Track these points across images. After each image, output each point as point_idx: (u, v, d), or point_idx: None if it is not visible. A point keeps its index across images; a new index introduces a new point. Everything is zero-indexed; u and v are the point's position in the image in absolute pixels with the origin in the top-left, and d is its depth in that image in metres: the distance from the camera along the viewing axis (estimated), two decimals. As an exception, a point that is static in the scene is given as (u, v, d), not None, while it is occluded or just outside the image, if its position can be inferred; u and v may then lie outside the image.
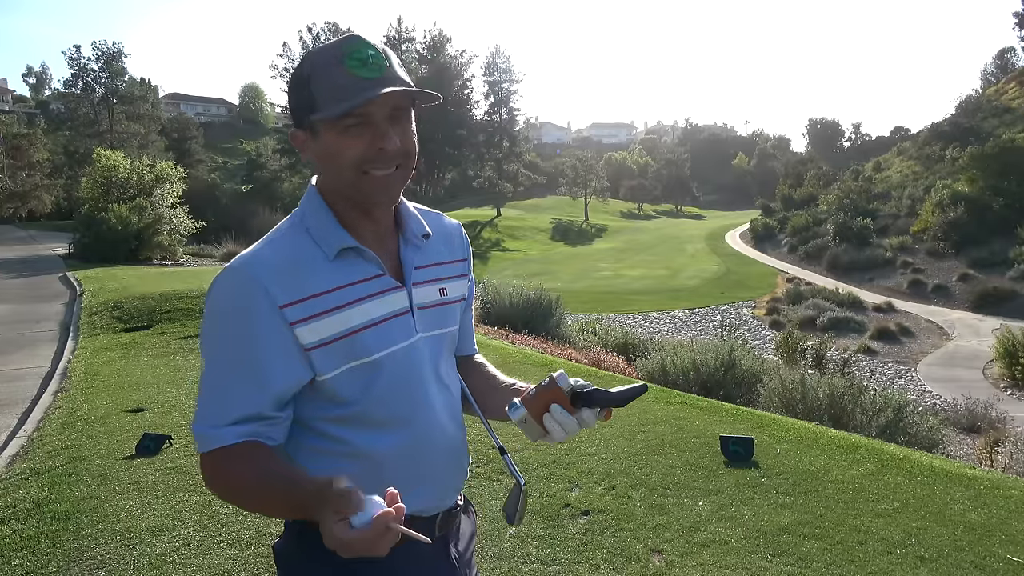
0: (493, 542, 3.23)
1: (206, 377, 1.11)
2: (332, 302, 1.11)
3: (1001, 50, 75.26)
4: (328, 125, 1.09)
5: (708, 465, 4.24)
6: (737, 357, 8.16)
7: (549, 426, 1.14)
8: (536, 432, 1.17)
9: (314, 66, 1.10)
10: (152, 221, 18.74)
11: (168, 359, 7.33)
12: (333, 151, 1.10)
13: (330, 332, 1.10)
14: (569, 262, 44.29)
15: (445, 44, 64.74)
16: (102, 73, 50.92)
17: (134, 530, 3.32)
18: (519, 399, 1.18)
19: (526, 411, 1.15)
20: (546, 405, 1.15)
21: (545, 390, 1.15)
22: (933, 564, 3.11)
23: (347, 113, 1.07)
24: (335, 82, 1.08)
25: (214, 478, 1.11)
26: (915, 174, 44.19)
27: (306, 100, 1.11)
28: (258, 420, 1.10)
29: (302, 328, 1.09)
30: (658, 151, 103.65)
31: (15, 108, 67.35)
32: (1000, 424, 10.97)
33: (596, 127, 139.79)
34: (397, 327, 1.17)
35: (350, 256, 1.14)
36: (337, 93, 1.07)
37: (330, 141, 1.10)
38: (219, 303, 1.11)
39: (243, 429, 1.09)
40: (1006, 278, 27.45)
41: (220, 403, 1.09)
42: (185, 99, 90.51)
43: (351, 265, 1.15)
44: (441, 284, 1.27)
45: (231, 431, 1.08)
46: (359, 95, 1.06)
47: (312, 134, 1.12)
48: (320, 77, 1.09)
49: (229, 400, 1.09)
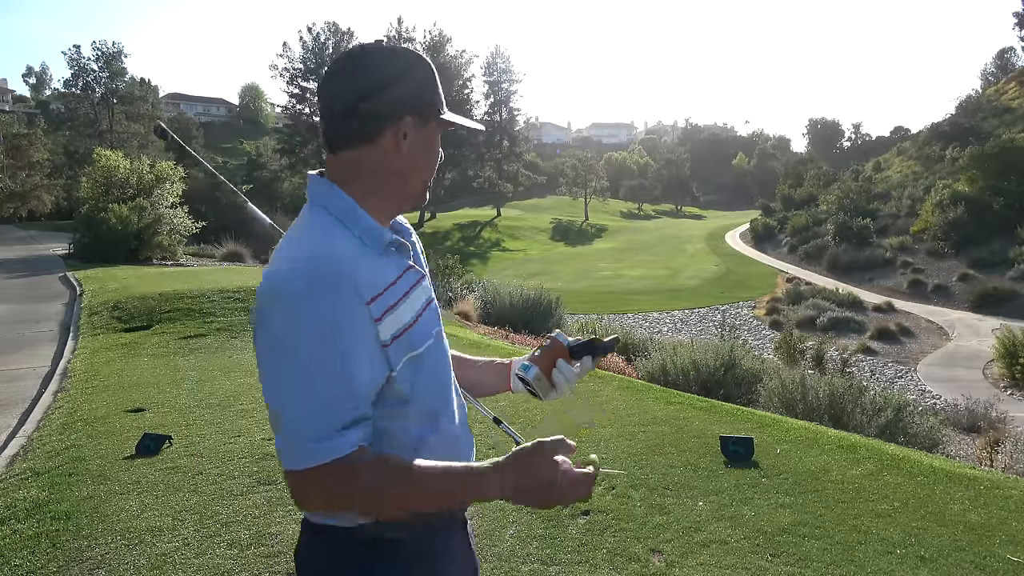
0: (493, 542, 3.23)
1: (299, 384, 1.01)
2: (394, 296, 1.11)
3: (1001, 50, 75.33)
4: (438, 126, 1.20)
5: (708, 465, 4.24)
6: (737, 357, 8.16)
7: (556, 379, 1.30)
8: (546, 387, 1.32)
9: (427, 69, 1.18)
10: (152, 221, 18.71)
11: (168, 359, 7.33)
12: (429, 146, 1.19)
13: (398, 326, 1.11)
14: (569, 262, 44.29)
15: (445, 44, 64.65)
16: (102, 73, 50.90)
17: (134, 530, 3.32)
18: (527, 360, 1.35)
19: (538, 369, 1.32)
20: (553, 361, 1.32)
21: (550, 349, 1.33)
22: (933, 564, 3.11)
23: (442, 112, 1.19)
24: (437, 87, 1.19)
25: (331, 493, 1.04)
26: (915, 174, 44.20)
27: (433, 92, 1.18)
28: (364, 421, 1.06)
29: (382, 324, 1.08)
30: (658, 151, 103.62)
31: (15, 108, 67.34)
32: (1000, 424, 10.96)
33: (596, 127, 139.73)
34: (431, 316, 1.21)
35: (391, 250, 1.16)
36: (439, 97, 1.19)
37: (431, 137, 1.19)
38: (305, 301, 1.01)
39: (357, 435, 1.04)
40: (1006, 278, 27.46)
41: (325, 410, 1.02)
42: (185, 99, 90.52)
43: (395, 258, 1.16)
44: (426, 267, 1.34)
45: (345, 439, 1.02)
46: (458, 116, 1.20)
47: (421, 125, 1.17)
48: (436, 82, 1.19)
49: (335, 405, 1.02)
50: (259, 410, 5.31)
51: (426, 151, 1.18)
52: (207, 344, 8.04)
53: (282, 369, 1.02)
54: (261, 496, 3.71)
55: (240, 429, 4.80)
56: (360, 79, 1.12)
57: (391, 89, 1.12)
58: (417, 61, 1.16)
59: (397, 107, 1.13)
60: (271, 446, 4.48)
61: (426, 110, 1.16)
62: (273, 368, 1.03)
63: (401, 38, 62.77)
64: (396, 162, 1.15)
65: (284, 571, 2.97)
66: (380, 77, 1.12)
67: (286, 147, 59.21)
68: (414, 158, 1.17)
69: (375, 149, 1.14)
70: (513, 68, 67.83)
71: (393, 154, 1.14)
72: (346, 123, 1.13)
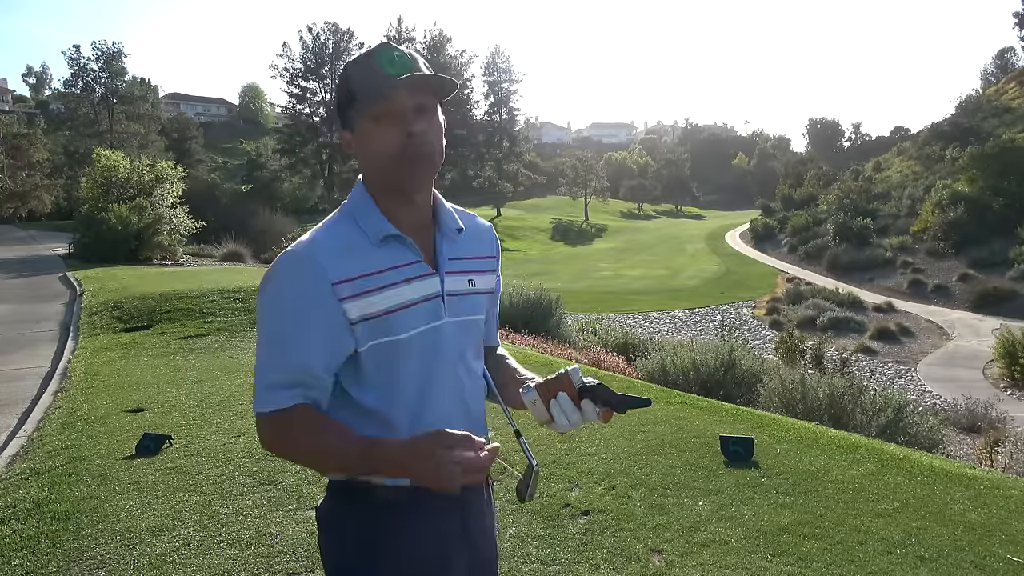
0: (493, 542, 3.22)
1: (263, 344, 1.23)
2: (376, 283, 1.23)
3: (1001, 50, 75.30)
4: (365, 119, 1.24)
5: (708, 465, 4.24)
6: (737, 357, 8.16)
7: (554, 411, 1.28)
8: (543, 415, 1.30)
9: (351, 69, 1.27)
10: (152, 221, 18.72)
11: (168, 359, 7.33)
12: (370, 140, 1.25)
13: (372, 310, 1.23)
14: (569, 262, 44.29)
15: (445, 44, 64.71)
16: (102, 73, 50.91)
17: (134, 530, 3.32)
18: (534, 383, 1.33)
19: (537, 395, 1.30)
20: (555, 393, 1.28)
21: (556, 380, 1.29)
22: (933, 564, 3.11)
23: (376, 102, 1.22)
24: (367, 79, 1.24)
25: (273, 439, 1.23)
26: (915, 174, 44.18)
27: (346, 98, 1.27)
28: (307, 385, 1.22)
29: (350, 304, 1.21)
30: (658, 151, 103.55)
31: (15, 108, 67.33)
32: (1000, 424, 10.96)
33: (596, 127, 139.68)
34: (426, 310, 1.28)
35: (393, 243, 1.27)
36: (369, 89, 1.23)
37: (367, 132, 1.25)
38: (279, 278, 1.22)
39: (295, 392, 1.21)
40: (1006, 278, 27.43)
41: (275, 368, 1.22)
42: (185, 99, 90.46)
43: (393, 251, 1.27)
44: (470, 276, 1.38)
45: (286, 394, 1.21)
46: (386, 84, 1.22)
47: (353, 131, 1.28)
48: (355, 77, 1.26)
49: (283, 364, 1.21)
50: (259, 410, 5.31)
51: (364, 150, 1.28)
52: (207, 344, 8.04)
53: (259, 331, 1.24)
54: (261, 496, 3.71)
55: (240, 429, 4.80)
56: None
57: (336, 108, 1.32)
58: (339, 83, 1.31)
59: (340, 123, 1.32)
60: (271, 446, 4.48)
61: (348, 118, 1.28)
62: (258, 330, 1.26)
63: (401, 38, 62.82)
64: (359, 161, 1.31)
65: (284, 571, 2.97)
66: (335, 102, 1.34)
67: (286, 147, 59.18)
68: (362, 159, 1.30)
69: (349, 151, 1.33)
70: (513, 68, 67.92)
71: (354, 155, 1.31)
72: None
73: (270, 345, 1.23)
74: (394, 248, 1.27)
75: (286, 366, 1.21)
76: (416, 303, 1.26)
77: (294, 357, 1.21)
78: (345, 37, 60.61)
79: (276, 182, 56.04)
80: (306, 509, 3.55)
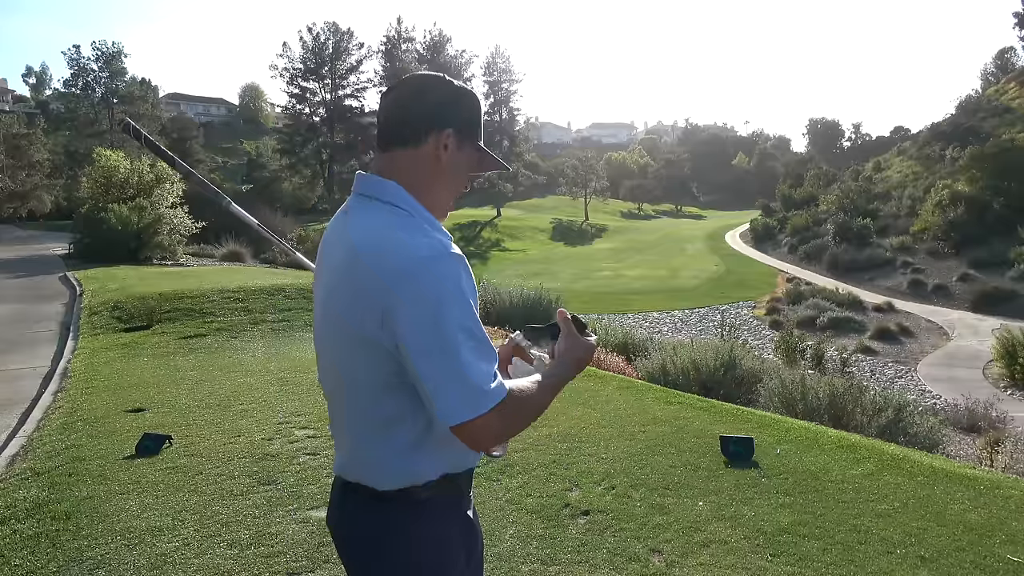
0: (493, 542, 3.23)
1: (474, 345, 1.21)
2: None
3: (1001, 50, 75.20)
4: (475, 152, 1.39)
5: (708, 465, 4.24)
6: (737, 357, 8.16)
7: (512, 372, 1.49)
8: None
9: (476, 102, 1.41)
10: (152, 221, 18.70)
11: (168, 359, 7.33)
12: (463, 173, 1.40)
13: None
14: (569, 262, 44.26)
15: (445, 44, 64.69)
16: (102, 73, 50.97)
17: (134, 530, 3.32)
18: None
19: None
20: (509, 359, 1.52)
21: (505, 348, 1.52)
22: (933, 564, 3.11)
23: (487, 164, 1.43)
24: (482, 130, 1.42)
25: (513, 420, 1.25)
26: (915, 174, 44.13)
27: (476, 119, 1.40)
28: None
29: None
30: (658, 151, 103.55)
31: (15, 108, 67.27)
32: (1000, 424, 10.95)
33: (596, 127, 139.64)
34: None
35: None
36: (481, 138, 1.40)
37: (469, 163, 1.40)
38: (455, 282, 1.21)
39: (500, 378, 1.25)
40: (1006, 278, 27.39)
41: (491, 363, 1.23)
42: (185, 99, 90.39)
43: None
44: None
45: (500, 383, 1.23)
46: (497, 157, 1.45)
47: (460, 144, 1.36)
48: (479, 114, 1.42)
49: (491, 354, 1.24)
50: (259, 410, 5.32)
51: (458, 169, 1.38)
52: (207, 344, 8.05)
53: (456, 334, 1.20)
54: (261, 496, 3.71)
55: (240, 429, 4.80)
56: (417, 94, 1.36)
57: (442, 105, 1.35)
58: (466, 92, 1.39)
59: (443, 119, 1.34)
60: (271, 446, 4.48)
61: (466, 130, 1.36)
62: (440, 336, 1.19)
63: (401, 38, 62.91)
64: (434, 168, 1.34)
65: (284, 571, 2.97)
66: (435, 95, 1.35)
67: (286, 147, 59.16)
68: (448, 170, 1.36)
69: (419, 153, 1.34)
70: (513, 68, 67.78)
71: (433, 161, 1.34)
72: (400, 127, 1.34)
73: (476, 340, 1.22)
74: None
75: (492, 355, 1.24)
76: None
77: (489, 347, 1.25)
78: (345, 37, 60.60)
79: (276, 182, 55.99)
80: (306, 509, 3.55)
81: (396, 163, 1.34)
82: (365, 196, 1.34)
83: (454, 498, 1.39)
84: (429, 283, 1.19)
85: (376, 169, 1.36)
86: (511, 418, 1.24)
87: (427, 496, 1.33)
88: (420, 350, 1.18)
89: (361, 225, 1.29)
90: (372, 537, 1.35)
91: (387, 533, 1.34)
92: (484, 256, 47.18)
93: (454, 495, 1.39)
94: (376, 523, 1.35)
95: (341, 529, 1.42)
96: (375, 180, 1.34)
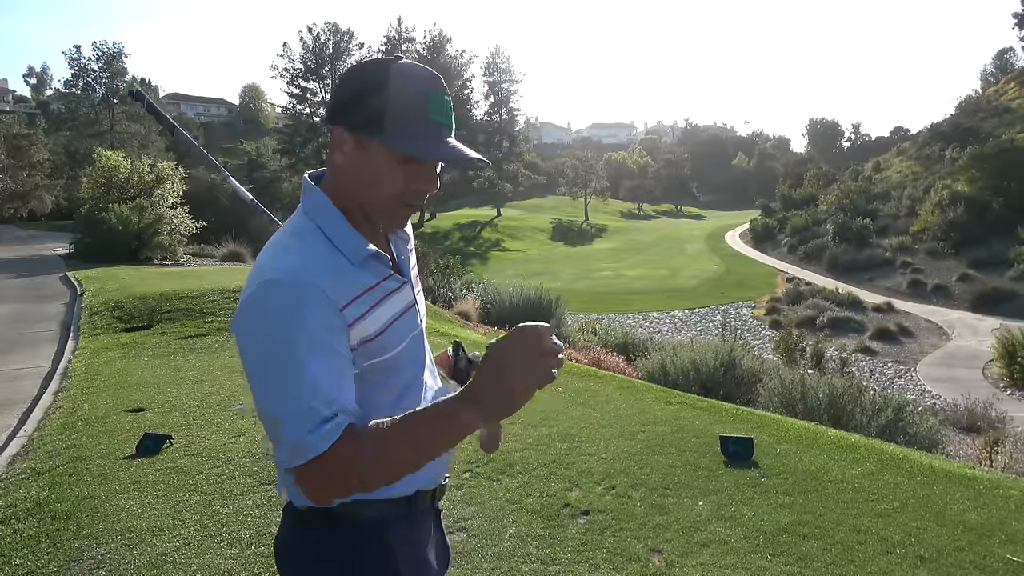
0: (493, 542, 3.23)
1: (287, 385, 1.03)
2: (367, 304, 1.13)
3: (1001, 50, 75.28)
4: (386, 145, 1.09)
5: (708, 465, 4.24)
6: (737, 357, 8.17)
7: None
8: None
9: (396, 85, 1.09)
10: (153, 221, 18.70)
11: (168, 359, 7.33)
12: (382, 175, 1.12)
13: (368, 332, 1.13)
14: (569, 262, 44.27)
15: (445, 44, 64.65)
16: (102, 73, 50.90)
17: (134, 530, 3.32)
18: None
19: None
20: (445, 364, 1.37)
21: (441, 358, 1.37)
22: (933, 564, 3.11)
23: (410, 144, 1.09)
24: (412, 118, 1.09)
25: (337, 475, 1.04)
26: (915, 174, 44.14)
27: (375, 111, 1.09)
28: (345, 411, 1.06)
29: (354, 328, 1.10)
30: (658, 151, 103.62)
31: (16, 108, 67.37)
32: (1000, 424, 10.96)
33: (596, 127, 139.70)
34: (407, 322, 1.23)
35: (370, 259, 1.16)
36: (412, 130, 1.09)
37: (381, 164, 1.11)
38: (277, 312, 1.03)
39: (339, 419, 1.04)
40: (1006, 278, 27.41)
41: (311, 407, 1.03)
42: (185, 99, 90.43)
43: (372, 268, 1.17)
44: (414, 272, 1.34)
45: (330, 430, 1.03)
46: (435, 146, 1.10)
47: (359, 144, 1.11)
48: (399, 101, 1.08)
49: (319, 400, 1.03)
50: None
51: (373, 170, 1.12)
52: (207, 344, 8.04)
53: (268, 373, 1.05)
54: (261, 496, 3.71)
55: (240, 429, 4.80)
56: (336, 85, 1.17)
57: (338, 99, 1.13)
58: (368, 79, 1.10)
59: (335, 115, 1.13)
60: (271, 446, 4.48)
61: (370, 127, 1.09)
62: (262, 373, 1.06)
63: (401, 38, 62.87)
64: (341, 168, 1.15)
65: (284, 571, 2.97)
66: (342, 87, 1.14)
67: (286, 147, 59.18)
68: (356, 172, 1.13)
69: (334, 150, 1.16)
70: (513, 68, 67.91)
71: (339, 159, 1.15)
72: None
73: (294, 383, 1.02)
74: (371, 264, 1.16)
75: (325, 400, 1.03)
76: (399, 316, 1.20)
77: (324, 387, 1.03)
78: (345, 37, 60.59)
79: (276, 182, 55.89)
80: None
81: (329, 162, 1.19)
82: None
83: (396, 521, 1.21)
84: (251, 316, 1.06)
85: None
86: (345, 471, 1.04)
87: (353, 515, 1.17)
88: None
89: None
90: (297, 561, 1.23)
91: (317, 559, 1.20)
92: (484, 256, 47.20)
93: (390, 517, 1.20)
94: (301, 545, 1.22)
95: (276, 553, 1.30)
96: (310, 175, 1.22)
